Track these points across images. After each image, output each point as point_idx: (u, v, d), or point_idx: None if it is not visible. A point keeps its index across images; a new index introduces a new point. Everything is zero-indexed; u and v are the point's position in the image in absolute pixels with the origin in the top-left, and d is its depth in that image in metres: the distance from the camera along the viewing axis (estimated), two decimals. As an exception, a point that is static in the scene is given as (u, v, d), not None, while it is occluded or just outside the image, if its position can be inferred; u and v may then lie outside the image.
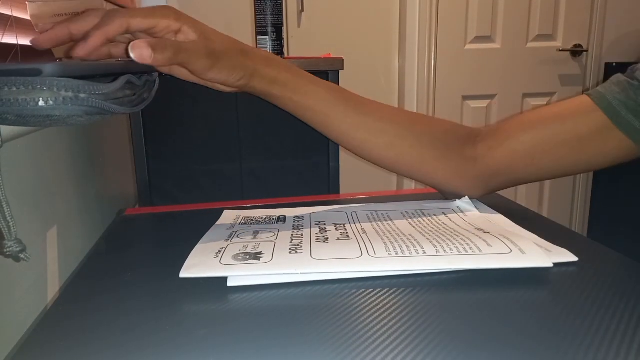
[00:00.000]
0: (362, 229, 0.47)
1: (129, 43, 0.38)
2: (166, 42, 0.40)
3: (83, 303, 0.38)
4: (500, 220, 0.50)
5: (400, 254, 0.39)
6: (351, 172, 1.59)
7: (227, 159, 0.90)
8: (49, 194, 0.55)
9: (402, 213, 0.53)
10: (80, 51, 0.41)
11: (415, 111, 1.99)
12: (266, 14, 0.89)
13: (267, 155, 0.91)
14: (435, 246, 0.41)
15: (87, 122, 0.36)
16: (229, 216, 0.53)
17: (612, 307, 0.33)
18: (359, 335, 0.30)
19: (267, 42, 0.90)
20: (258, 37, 0.90)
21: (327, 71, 0.90)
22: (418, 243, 0.42)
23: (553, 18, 2.04)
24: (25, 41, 0.79)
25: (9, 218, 0.33)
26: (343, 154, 0.94)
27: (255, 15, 0.90)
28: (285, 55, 0.93)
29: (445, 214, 0.51)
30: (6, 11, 0.78)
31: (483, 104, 2.10)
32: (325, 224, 0.49)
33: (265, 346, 0.30)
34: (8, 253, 0.34)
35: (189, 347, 0.31)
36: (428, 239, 0.43)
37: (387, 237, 0.44)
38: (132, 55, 0.38)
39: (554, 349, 0.28)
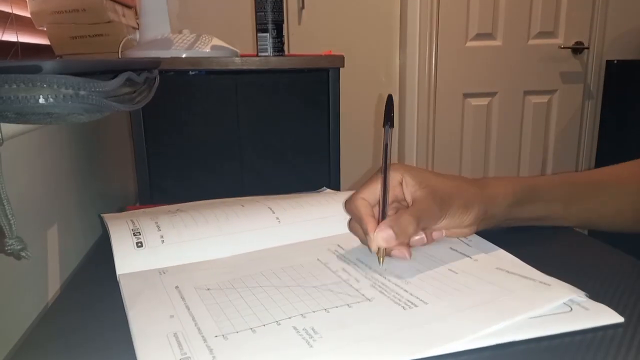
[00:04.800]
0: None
1: None
2: (406, 218, 0.41)
3: (83, 301, 0.38)
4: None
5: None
6: (351, 170, 1.59)
7: (227, 157, 0.90)
8: (49, 192, 0.55)
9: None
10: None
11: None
12: (267, 11, 0.89)
13: (267, 153, 0.91)
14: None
15: (87, 119, 0.36)
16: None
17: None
18: None
19: (268, 39, 0.89)
20: (258, 35, 0.90)
21: (327, 68, 0.90)
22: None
23: (554, 15, 2.04)
24: (25, 38, 0.79)
25: (9, 216, 0.33)
26: (343, 153, 0.94)
27: (256, 12, 0.89)
28: (286, 52, 0.93)
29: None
30: (6, 9, 0.78)
31: (484, 101, 2.10)
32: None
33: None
34: (9, 251, 0.34)
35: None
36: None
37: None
38: (380, 242, 0.40)
39: None
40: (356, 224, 0.45)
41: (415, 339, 0.31)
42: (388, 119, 0.44)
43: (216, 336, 0.31)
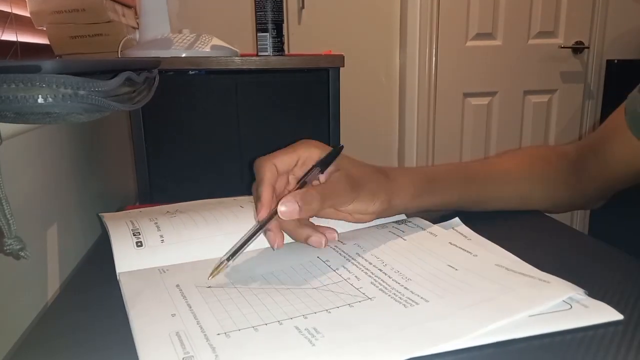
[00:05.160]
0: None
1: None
2: (312, 194, 0.41)
3: (83, 301, 0.38)
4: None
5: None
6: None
7: (227, 157, 0.90)
8: (48, 192, 0.55)
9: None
10: (264, 214, 0.43)
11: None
12: (266, 11, 0.89)
13: (267, 153, 0.91)
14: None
15: (86, 119, 0.36)
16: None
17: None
18: None
19: (268, 39, 0.89)
20: (258, 34, 0.90)
21: (327, 68, 0.90)
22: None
23: (554, 15, 2.04)
24: (24, 38, 0.79)
25: (8, 216, 0.33)
26: (343, 152, 0.94)
27: (256, 12, 0.89)
28: (286, 52, 0.93)
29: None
30: (6, 8, 0.78)
31: (484, 101, 2.10)
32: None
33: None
34: (8, 251, 0.34)
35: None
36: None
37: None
38: (282, 209, 0.39)
39: None
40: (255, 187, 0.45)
41: (416, 337, 0.31)
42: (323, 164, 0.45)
43: (218, 334, 0.31)
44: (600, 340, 0.31)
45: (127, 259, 0.42)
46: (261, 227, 0.42)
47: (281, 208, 0.39)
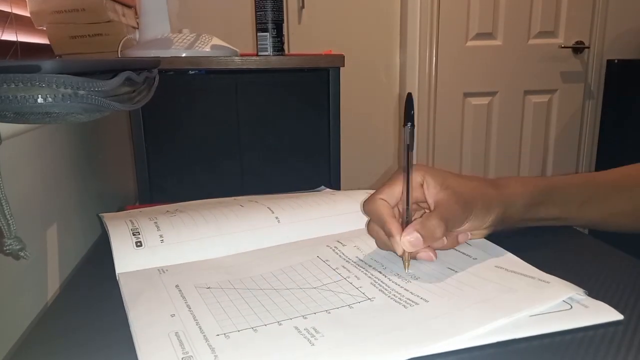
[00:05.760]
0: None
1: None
2: (434, 225, 0.40)
3: (82, 301, 0.38)
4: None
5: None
6: (351, 170, 1.59)
7: (227, 157, 0.90)
8: (48, 192, 0.55)
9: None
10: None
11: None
12: (266, 11, 0.89)
13: (267, 153, 0.91)
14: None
15: (86, 119, 0.36)
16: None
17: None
18: None
19: (268, 38, 0.89)
20: (258, 34, 0.90)
21: (327, 68, 0.90)
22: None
23: (555, 15, 2.03)
24: (24, 38, 0.79)
25: (8, 216, 0.33)
26: (344, 152, 0.94)
27: (256, 11, 0.89)
28: (286, 52, 0.93)
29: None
30: (6, 8, 0.78)
31: (484, 101, 2.10)
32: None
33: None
34: (8, 251, 0.34)
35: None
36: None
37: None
38: (405, 241, 0.39)
39: None
40: (376, 226, 0.44)
41: (416, 336, 0.31)
42: (409, 119, 0.42)
43: (218, 335, 0.31)
44: (601, 340, 0.31)
45: (126, 259, 0.42)
46: (409, 258, 0.41)
47: (406, 243, 0.39)
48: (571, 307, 0.34)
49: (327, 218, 0.50)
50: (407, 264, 0.41)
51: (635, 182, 0.51)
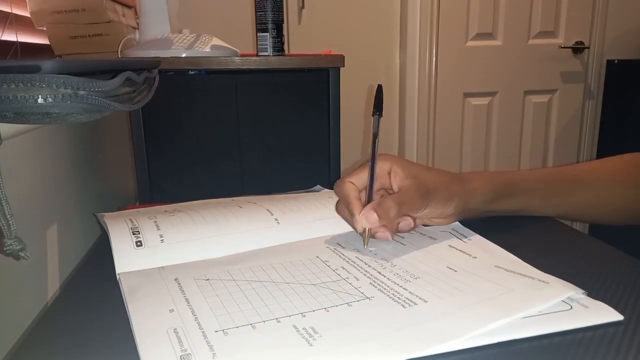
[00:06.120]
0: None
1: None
2: (388, 206, 0.44)
3: (83, 301, 0.38)
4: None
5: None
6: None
7: (227, 157, 0.90)
8: (48, 192, 0.55)
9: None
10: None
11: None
12: (266, 11, 0.89)
13: (267, 153, 0.91)
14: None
15: (86, 119, 0.36)
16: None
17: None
18: None
19: (268, 39, 0.89)
20: (258, 34, 0.90)
21: (327, 68, 0.90)
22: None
23: (554, 15, 2.03)
24: (24, 38, 0.79)
25: (8, 216, 0.33)
26: (344, 152, 0.94)
27: (256, 12, 0.89)
28: (286, 52, 0.93)
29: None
30: (6, 8, 0.78)
31: (484, 101, 2.10)
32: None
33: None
34: (8, 251, 0.34)
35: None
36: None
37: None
38: (363, 220, 0.44)
39: None
40: (343, 206, 0.48)
41: (415, 337, 0.31)
42: (377, 109, 0.47)
43: (216, 331, 0.31)
44: (600, 341, 0.31)
45: (126, 259, 0.42)
46: (368, 235, 0.45)
47: (363, 219, 0.44)
48: (571, 307, 0.34)
49: (326, 220, 0.50)
50: (366, 240, 0.45)
51: (598, 176, 0.54)
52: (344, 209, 0.48)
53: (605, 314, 0.33)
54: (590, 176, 0.54)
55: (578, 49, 2.07)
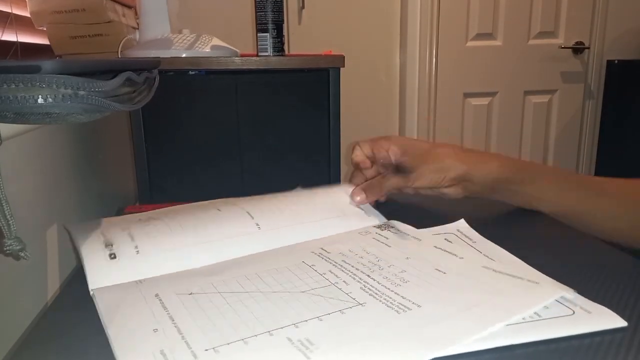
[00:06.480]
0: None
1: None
2: (374, 184, 0.55)
3: (82, 301, 0.38)
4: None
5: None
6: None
7: (227, 157, 0.90)
8: (48, 192, 0.55)
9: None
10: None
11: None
12: (267, 11, 0.89)
13: (267, 153, 0.91)
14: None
15: (86, 119, 0.36)
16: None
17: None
18: None
19: (268, 39, 0.89)
20: (258, 35, 0.90)
21: (327, 68, 0.90)
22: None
23: (555, 15, 2.03)
24: (24, 38, 0.79)
25: (8, 216, 0.33)
26: (344, 152, 0.94)
27: (256, 12, 0.89)
28: (286, 52, 0.93)
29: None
30: (6, 8, 0.78)
31: (484, 101, 2.10)
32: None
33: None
34: (8, 251, 0.34)
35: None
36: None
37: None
38: (353, 199, 0.54)
39: None
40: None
41: (414, 343, 0.30)
42: None
43: (206, 350, 0.29)
44: (603, 347, 0.30)
45: (100, 274, 0.40)
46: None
47: (355, 198, 0.54)
48: (574, 312, 0.33)
49: (308, 224, 0.49)
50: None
51: (620, 191, 0.52)
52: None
53: (609, 320, 0.33)
54: (619, 190, 0.52)
55: (578, 49, 2.07)
